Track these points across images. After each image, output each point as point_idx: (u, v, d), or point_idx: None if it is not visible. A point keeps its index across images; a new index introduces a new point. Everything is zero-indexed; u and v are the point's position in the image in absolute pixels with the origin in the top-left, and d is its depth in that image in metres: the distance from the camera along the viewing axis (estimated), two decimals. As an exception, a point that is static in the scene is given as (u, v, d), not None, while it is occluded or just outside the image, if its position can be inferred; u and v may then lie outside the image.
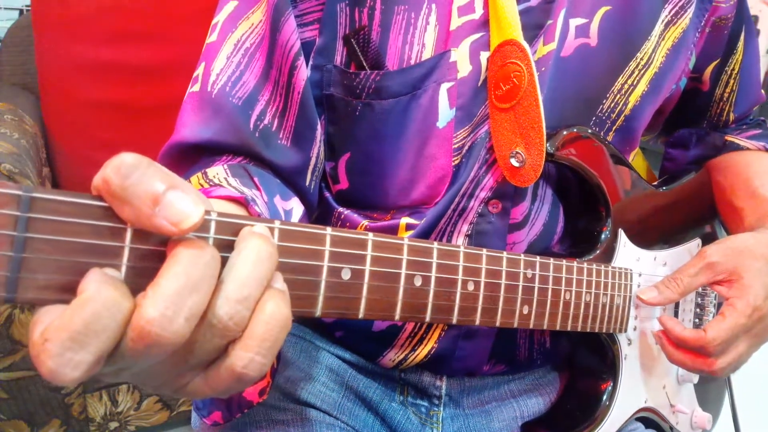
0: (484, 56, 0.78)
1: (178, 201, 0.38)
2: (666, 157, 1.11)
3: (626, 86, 0.85)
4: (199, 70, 0.81)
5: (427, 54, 0.78)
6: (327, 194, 0.88)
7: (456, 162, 0.80)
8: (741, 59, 1.00)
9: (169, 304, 0.37)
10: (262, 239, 0.43)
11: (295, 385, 0.87)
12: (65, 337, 0.35)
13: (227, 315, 0.41)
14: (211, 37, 0.81)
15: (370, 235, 0.53)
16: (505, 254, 0.66)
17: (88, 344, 0.36)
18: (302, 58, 0.78)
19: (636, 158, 1.04)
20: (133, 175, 0.37)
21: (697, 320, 0.99)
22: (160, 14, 1.97)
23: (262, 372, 0.43)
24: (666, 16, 0.87)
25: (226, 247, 0.43)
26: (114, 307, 0.36)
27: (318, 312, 0.50)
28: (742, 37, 0.99)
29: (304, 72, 0.78)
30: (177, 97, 0.82)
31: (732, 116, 1.06)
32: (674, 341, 0.81)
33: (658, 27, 0.87)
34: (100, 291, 0.36)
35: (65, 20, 1.92)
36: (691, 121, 1.08)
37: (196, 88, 0.80)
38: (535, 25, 0.78)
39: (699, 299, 1.00)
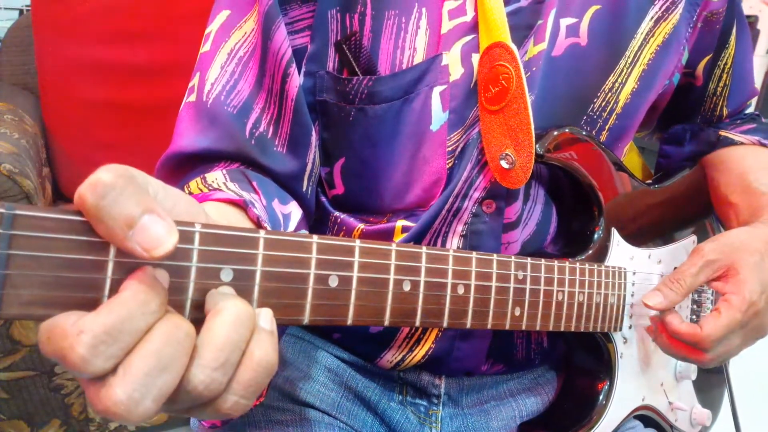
0: (476, 59, 0.78)
1: (152, 226, 0.38)
2: (661, 154, 1.11)
3: (616, 84, 0.85)
4: (194, 81, 0.81)
5: (419, 58, 0.78)
6: (323, 199, 0.89)
7: (450, 164, 0.80)
8: (733, 53, 1.00)
9: (137, 386, 0.37)
10: (239, 300, 0.43)
11: (294, 386, 0.87)
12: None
13: (202, 384, 0.41)
14: (205, 47, 0.82)
15: (357, 242, 0.53)
16: (495, 256, 0.66)
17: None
18: (294, 65, 0.79)
19: (632, 156, 1.04)
20: (109, 196, 0.37)
21: (694, 317, 0.99)
22: (159, 14, 1.97)
23: (245, 411, 0.44)
24: (656, 12, 0.87)
25: (210, 276, 0.43)
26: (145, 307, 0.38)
27: (306, 320, 0.50)
28: (734, 32, 0.98)
29: (296, 79, 0.79)
30: (177, 97, 0.82)
31: (725, 111, 1.06)
32: (670, 333, 0.80)
33: (647, 24, 0.87)
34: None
35: (65, 20, 1.92)
36: (685, 116, 1.08)
37: (192, 98, 0.81)
38: (525, 25, 0.78)
39: (696, 296, 1.00)
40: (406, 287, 0.57)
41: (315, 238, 0.50)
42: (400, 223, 0.82)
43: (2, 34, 2.15)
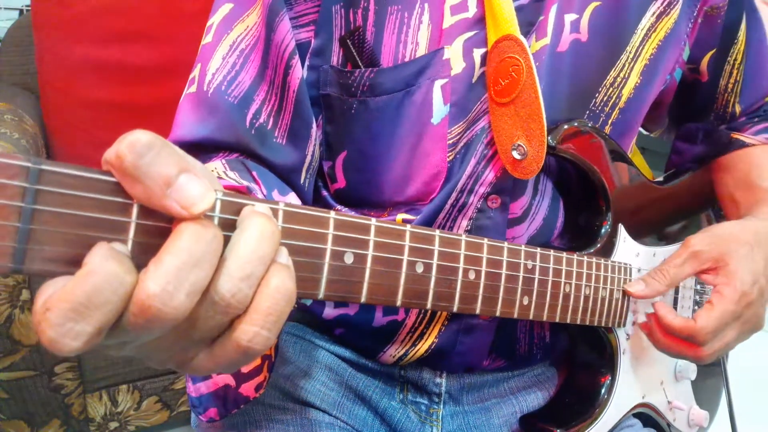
0: (477, 53, 0.79)
1: (190, 185, 0.39)
2: (673, 150, 1.10)
3: (618, 79, 0.85)
4: (195, 72, 0.82)
5: (421, 52, 0.78)
6: (325, 193, 0.89)
7: (450, 158, 0.81)
8: (744, 49, 0.98)
9: (170, 279, 0.38)
10: (264, 218, 0.43)
11: (294, 385, 0.87)
12: (67, 308, 0.36)
13: (229, 292, 0.41)
14: (206, 39, 0.82)
15: (373, 221, 0.53)
16: (505, 244, 0.66)
17: (89, 316, 0.36)
18: (297, 57, 0.79)
19: (634, 157, 1.04)
20: (148, 155, 0.38)
21: (696, 309, 0.99)
22: (160, 14, 1.98)
23: (267, 346, 0.43)
24: (657, 8, 0.87)
25: (229, 227, 0.43)
26: (116, 281, 0.37)
27: (321, 294, 0.50)
28: (742, 27, 0.97)
29: (298, 71, 0.79)
30: (177, 97, 0.83)
31: (738, 108, 1.03)
32: (664, 329, 0.80)
33: (648, 19, 0.87)
34: (104, 264, 0.36)
35: (65, 20, 1.93)
36: (698, 114, 1.06)
37: (193, 89, 0.81)
38: (527, 22, 0.79)
39: (699, 286, 1.00)
40: (419, 269, 0.57)
41: (332, 213, 0.50)
42: (401, 216, 0.83)
43: (2, 34, 2.15)
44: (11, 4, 2.40)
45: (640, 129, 0.99)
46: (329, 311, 0.88)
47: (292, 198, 0.79)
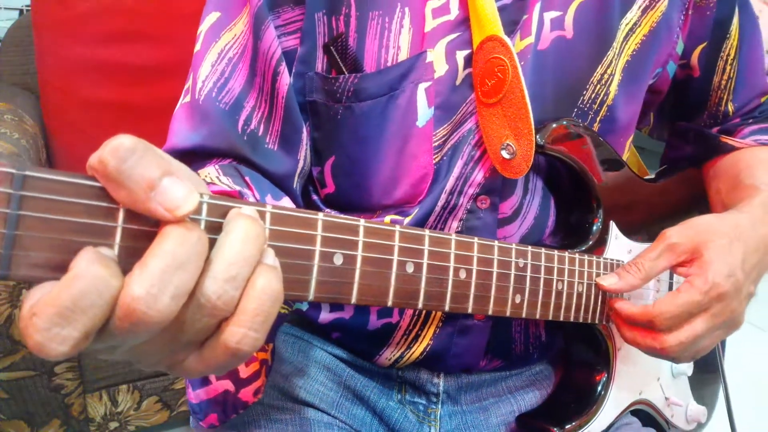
0: (460, 55, 0.79)
1: (173, 188, 0.39)
2: (668, 145, 1.09)
3: (605, 76, 0.85)
4: (189, 82, 0.83)
5: (403, 56, 0.79)
6: (315, 198, 0.90)
7: (437, 160, 0.81)
8: (737, 44, 0.96)
9: (154, 282, 0.38)
10: (249, 220, 0.43)
11: (293, 385, 0.88)
12: (53, 312, 0.36)
13: (215, 294, 0.41)
14: (197, 47, 0.83)
15: (362, 221, 0.54)
16: (496, 243, 0.66)
17: (75, 320, 0.36)
18: (284, 64, 0.80)
19: (631, 156, 1.04)
20: (130, 159, 0.38)
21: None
22: (159, 14, 1.98)
23: (256, 347, 0.43)
24: (643, 1, 0.87)
25: (216, 230, 0.43)
26: (102, 285, 0.37)
27: (311, 296, 0.50)
28: (735, 22, 0.95)
29: (286, 77, 0.80)
30: (176, 97, 0.83)
31: (731, 106, 1.01)
32: (625, 320, 0.78)
33: (634, 14, 0.87)
34: (89, 269, 0.37)
35: (65, 20, 1.93)
36: (692, 112, 1.04)
37: (187, 99, 0.82)
38: (511, 21, 0.79)
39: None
40: (410, 269, 0.57)
41: (320, 215, 0.50)
42: (389, 218, 0.84)
43: (2, 34, 2.15)
44: (11, 4, 2.40)
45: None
46: (325, 316, 0.89)
47: (286, 202, 0.79)
